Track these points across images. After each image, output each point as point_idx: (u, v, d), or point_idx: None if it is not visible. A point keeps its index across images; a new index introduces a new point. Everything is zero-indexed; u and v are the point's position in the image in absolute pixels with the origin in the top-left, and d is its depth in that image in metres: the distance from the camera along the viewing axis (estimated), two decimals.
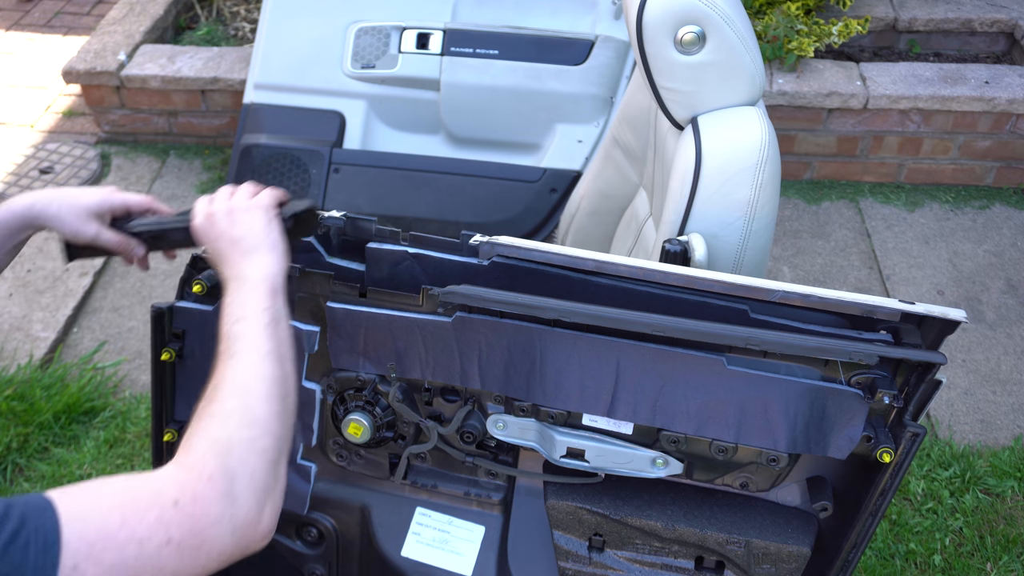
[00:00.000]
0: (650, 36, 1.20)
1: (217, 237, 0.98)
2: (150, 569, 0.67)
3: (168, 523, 0.68)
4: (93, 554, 0.65)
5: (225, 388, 0.80)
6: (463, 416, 1.18)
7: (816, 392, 1.03)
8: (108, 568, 0.65)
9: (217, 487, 0.71)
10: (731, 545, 1.17)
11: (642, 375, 1.06)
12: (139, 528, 0.67)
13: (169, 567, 0.68)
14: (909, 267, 2.68)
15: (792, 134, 2.91)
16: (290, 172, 2.55)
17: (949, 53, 3.23)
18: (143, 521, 0.67)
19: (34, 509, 0.65)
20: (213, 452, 0.73)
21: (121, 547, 0.66)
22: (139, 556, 0.66)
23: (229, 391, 0.80)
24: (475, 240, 1.12)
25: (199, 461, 0.73)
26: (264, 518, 0.74)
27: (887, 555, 1.97)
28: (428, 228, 1.23)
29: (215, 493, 0.71)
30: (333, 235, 1.16)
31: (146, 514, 0.68)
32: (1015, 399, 2.30)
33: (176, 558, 0.68)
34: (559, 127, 2.50)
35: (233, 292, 0.91)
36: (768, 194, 1.18)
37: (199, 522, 0.69)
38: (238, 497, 0.72)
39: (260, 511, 0.73)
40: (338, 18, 2.59)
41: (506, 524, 1.29)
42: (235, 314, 0.87)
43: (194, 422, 0.78)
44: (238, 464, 0.74)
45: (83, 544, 0.65)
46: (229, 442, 0.75)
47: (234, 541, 0.71)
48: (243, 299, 0.89)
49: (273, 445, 0.78)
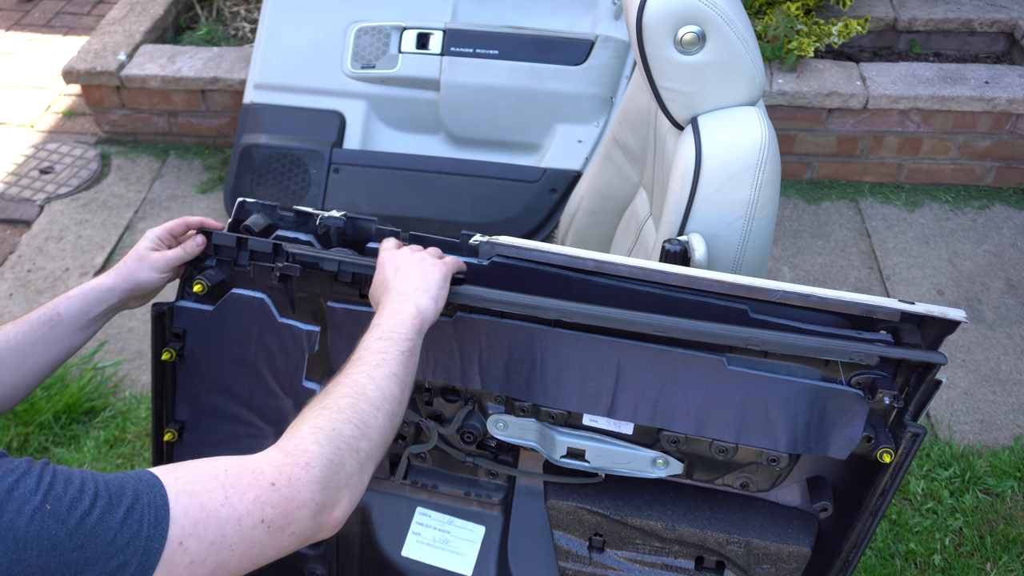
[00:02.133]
0: (650, 36, 1.20)
1: (396, 273, 1.01)
2: (243, 545, 0.71)
3: (264, 503, 0.72)
4: (197, 531, 0.69)
5: (343, 388, 0.85)
6: (463, 416, 1.18)
7: (816, 392, 1.03)
8: (208, 544, 0.70)
9: (312, 473, 0.75)
10: (731, 545, 1.17)
11: (642, 375, 1.06)
12: (239, 506, 0.71)
13: (258, 545, 0.72)
14: (909, 267, 2.68)
15: (792, 134, 2.91)
16: (290, 172, 2.55)
17: (949, 53, 3.23)
18: (243, 500, 0.72)
19: (146, 485, 0.70)
20: (314, 439, 0.77)
21: (222, 524, 0.70)
22: (236, 533, 0.71)
23: (347, 391, 0.84)
24: (475, 240, 1.12)
25: (299, 446, 0.76)
26: (338, 512, 0.78)
27: (887, 555, 1.97)
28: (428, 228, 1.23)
29: (309, 478, 0.75)
30: (333, 235, 1.16)
31: (246, 493, 0.72)
32: (1015, 399, 2.30)
33: (266, 536, 0.73)
34: (559, 127, 2.50)
35: (385, 316, 0.96)
36: (768, 194, 1.18)
37: (290, 504, 0.73)
38: (326, 486, 0.76)
39: (338, 504, 0.78)
40: (338, 18, 2.59)
41: (506, 524, 1.29)
42: (379, 333, 0.93)
43: (305, 410, 0.82)
44: (334, 455, 0.78)
45: (188, 521, 0.69)
46: (332, 433, 0.79)
47: (313, 526, 0.76)
48: (392, 323, 0.94)
49: (368, 450, 0.82)
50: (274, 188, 2.54)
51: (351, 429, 0.81)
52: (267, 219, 1.17)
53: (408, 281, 1.00)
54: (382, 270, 1.03)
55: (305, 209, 1.16)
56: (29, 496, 0.66)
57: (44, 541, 0.64)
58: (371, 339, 0.92)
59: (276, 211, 1.17)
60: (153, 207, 2.91)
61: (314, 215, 1.15)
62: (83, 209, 2.90)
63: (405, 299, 0.98)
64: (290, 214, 1.17)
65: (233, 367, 1.20)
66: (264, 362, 1.19)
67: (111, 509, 0.67)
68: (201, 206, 2.91)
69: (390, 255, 1.05)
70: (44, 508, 0.65)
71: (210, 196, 2.95)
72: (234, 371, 1.20)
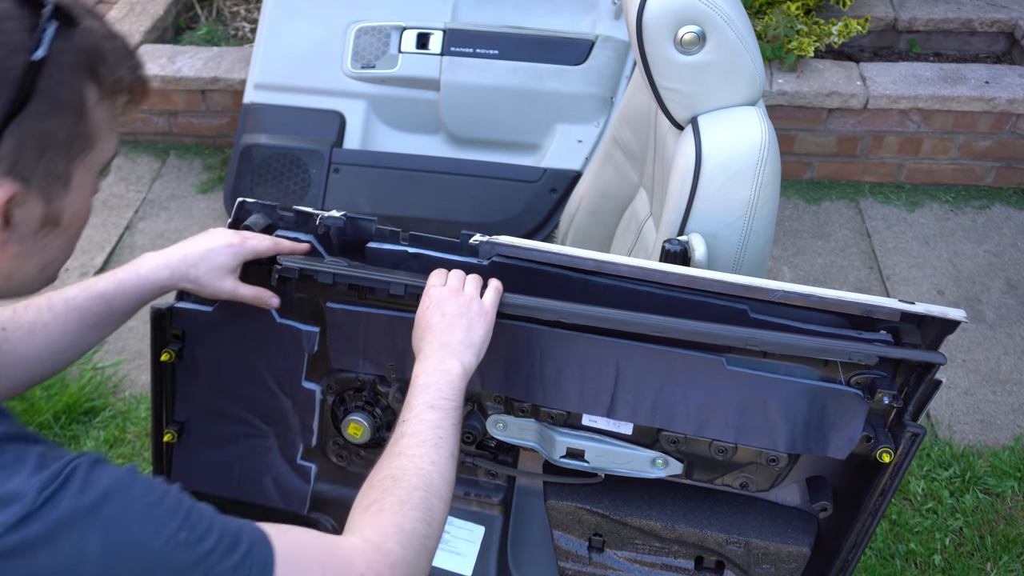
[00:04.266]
0: (650, 36, 1.20)
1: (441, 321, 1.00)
2: None
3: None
4: None
5: (413, 478, 0.84)
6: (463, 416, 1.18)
7: (816, 392, 1.03)
8: None
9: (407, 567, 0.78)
10: (731, 545, 1.17)
11: (642, 375, 1.06)
12: None
13: None
14: (909, 267, 2.68)
15: (792, 134, 2.91)
16: (290, 172, 2.55)
17: (949, 53, 3.23)
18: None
19: (257, 539, 0.71)
20: (398, 541, 0.78)
21: None
22: None
23: (417, 483, 0.84)
24: (475, 240, 1.12)
25: (386, 545, 0.78)
26: None
27: (887, 555, 1.97)
28: (428, 228, 1.23)
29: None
30: (333, 235, 1.16)
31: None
32: (1015, 399, 2.30)
33: None
34: (559, 127, 2.50)
35: (433, 375, 0.95)
36: (768, 194, 1.18)
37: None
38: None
39: None
40: (338, 18, 2.59)
41: (506, 524, 1.29)
42: (430, 399, 0.92)
43: (379, 493, 0.83)
44: (415, 559, 0.80)
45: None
46: (412, 535, 0.80)
47: None
48: (441, 387, 0.94)
49: (435, 546, 0.84)
50: (274, 188, 2.54)
51: (425, 529, 0.82)
52: (267, 219, 1.17)
53: (453, 333, 0.99)
54: (426, 313, 1.01)
55: (305, 209, 1.16)
56: (168, 519, 0.67)
57: (171, 567, 0.66)
58: (423, 405, 0.92)
59: (276, 211, 1.17)
60: (153, 207, 2.91)
61: (314, 215, 1.15)
62: None
63: (451, 355, 0.97)
64: (290, 214, 1.17)
65: (232, 368, 1.20)
66: (263, 363, 1.19)
67: (229, 553, 0.69)
68: (201, 206, 2.91)
69: (436, 295, 1.02)
70: (179, 535, 0.67)
71: (210, 196, 2.95)
72: (233, 372, 1.20)
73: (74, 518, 0.63)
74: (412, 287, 1.06)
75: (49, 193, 0.70)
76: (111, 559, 0.64)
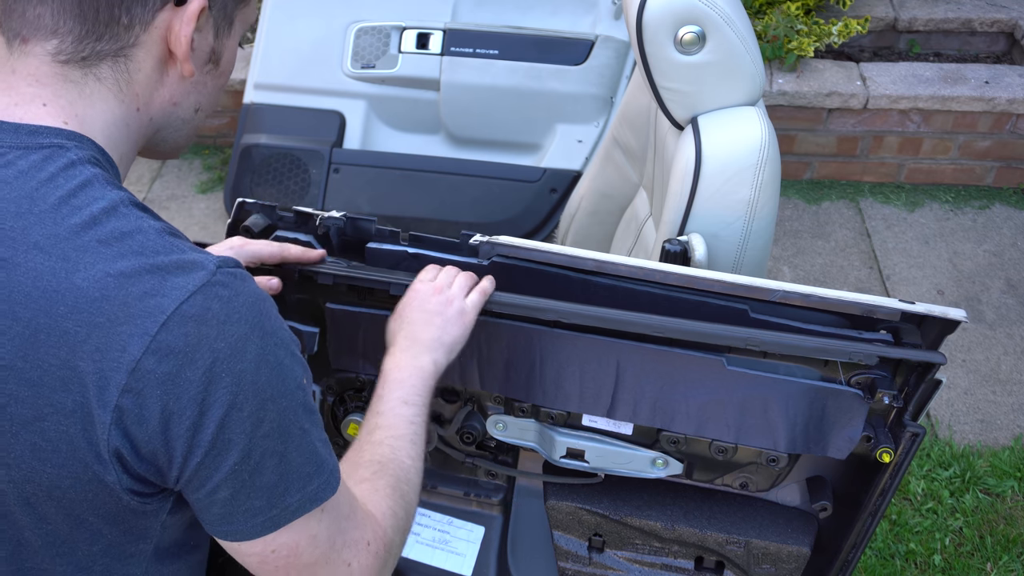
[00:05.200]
0: (650, 36, 1.20)
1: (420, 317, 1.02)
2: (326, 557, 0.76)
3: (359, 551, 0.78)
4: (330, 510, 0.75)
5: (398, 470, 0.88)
6: (463, 417, 1.18)
7: (816, 392, 1.03)
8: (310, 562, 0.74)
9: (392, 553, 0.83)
10: (731, 545, 1.17)
11: (642, 376, 1.06)
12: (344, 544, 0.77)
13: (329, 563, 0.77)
14: (909, 267, 2.68)
15: (792, 134, 2.91)
16: (290, 172, 2.55)
17: (949, 53, 3.23)
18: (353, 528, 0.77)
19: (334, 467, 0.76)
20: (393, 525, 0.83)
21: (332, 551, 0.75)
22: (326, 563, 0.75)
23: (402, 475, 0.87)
24: (475, 240, 1.12)
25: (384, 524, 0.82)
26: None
27: (887, 555, 1.97)
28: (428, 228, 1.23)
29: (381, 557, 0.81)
30: (333, 235, 1.16)
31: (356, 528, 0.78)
32: (1015, 399, 2.30)
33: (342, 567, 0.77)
34: (559, 127, 2.50)
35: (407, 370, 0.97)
36: (768, 194, 1.18)
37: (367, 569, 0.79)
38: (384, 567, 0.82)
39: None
40: (338, 18, 2.58)
41: (506, 524, 1.29)
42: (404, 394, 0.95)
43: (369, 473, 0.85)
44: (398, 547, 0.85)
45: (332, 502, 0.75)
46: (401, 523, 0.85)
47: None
48: (415, 383, 0.96)
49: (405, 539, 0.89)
50: (274, 188, 2.54)
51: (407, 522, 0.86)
52: (267, 219, 1.17)
53: (427, 331, 1.00)
54: (406, 308, 1.03)
55: (305, 209, 1.16)
56: (302, 377, 0.74)
57: (285, 410, 0.70)
58: (397, 400, 0.94)
59: (276, 211, 1.17)
60: (153, 207, 2.90)
61: (314, 215, 1.15)
62: None
63: (424, 351, 0.98)
64: (290, 214, 1.17)
65: None
66: None
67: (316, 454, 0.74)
68: (201, 206, 2.91)
69: (420, 289, 1.03)
70: (304, 397, 0.73)
71: (210, 196, 2.95)
72: None
73: (242, 312, 0.68)
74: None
75: (219, 28, 0.77)
76: (261, 367, 0.68)
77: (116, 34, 0.71)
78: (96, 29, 0.70)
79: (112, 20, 0.70)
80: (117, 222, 0.67)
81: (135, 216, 0.69)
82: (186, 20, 0.72)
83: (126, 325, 0.64)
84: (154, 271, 0.66)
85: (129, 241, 0.67)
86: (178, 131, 0.81)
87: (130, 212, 0.69)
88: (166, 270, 0.66)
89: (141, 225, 0.68)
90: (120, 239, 0.67)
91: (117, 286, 0.65)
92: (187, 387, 0.65)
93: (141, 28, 0.71)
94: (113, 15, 0.70)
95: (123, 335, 0.64)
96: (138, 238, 0.67)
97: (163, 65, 0.75)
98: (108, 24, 0.70)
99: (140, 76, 0.74)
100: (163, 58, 0.74)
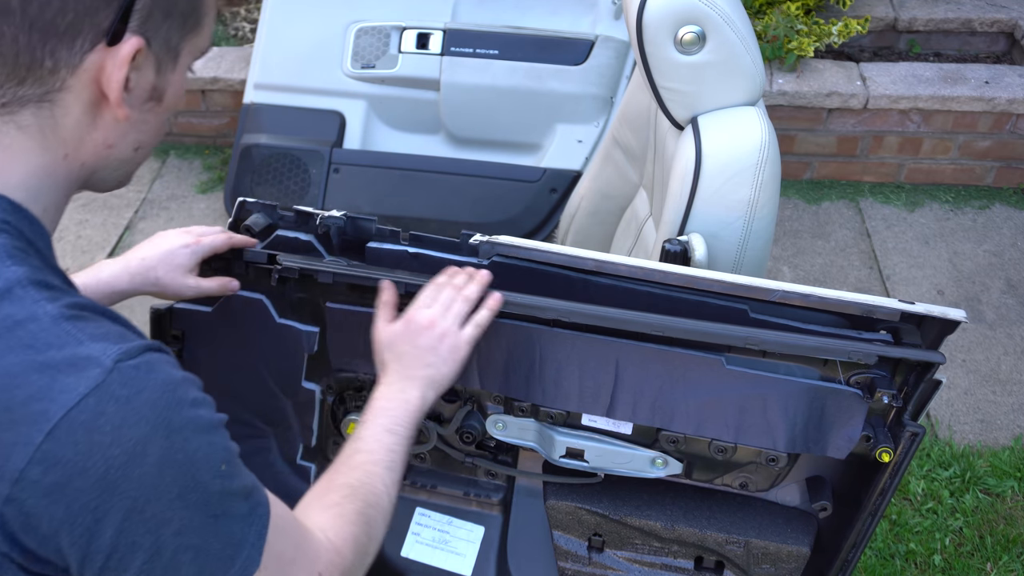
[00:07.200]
0: (650, 36, 1.20)
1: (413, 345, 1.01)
2: None
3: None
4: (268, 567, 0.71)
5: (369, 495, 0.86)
6: (462, 416, 1.18)
7: (815, 392, 1.03)
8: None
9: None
10: (730, 545, 1.17)
11: (641, 375, 1.06)
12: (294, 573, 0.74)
13: None
14: (909, 267, 2.68)
15: (792, 134, 2.91)
16: (290, 172, 2.55)
17: (949, 53, 3.23)
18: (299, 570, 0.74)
19: (263, 499, 0.72)
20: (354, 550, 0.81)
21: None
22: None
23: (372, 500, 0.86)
24: (475, 240, 1.12)
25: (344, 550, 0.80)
26: None
27: (887, 555, 1.97)
28: (428, 228, 1.23)
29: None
30: (333, 235, 1.16)
31: (305, 566, 0.75)
32: (1015, 399, 2.30)
33: None
34: (559, 127, 2.50)
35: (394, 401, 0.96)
36: (768, 194, 1.18)
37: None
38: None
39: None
40: (338, 18, 2.59)
41: (506, 524, 1.29)
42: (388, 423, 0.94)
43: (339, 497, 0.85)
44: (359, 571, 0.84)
45: (269, 557, 0.71)
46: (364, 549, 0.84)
47: None
48: (399, 414, 0.95)
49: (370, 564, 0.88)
50: (274, 188, 2.54)
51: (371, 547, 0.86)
52: (267, 219, 1.17)
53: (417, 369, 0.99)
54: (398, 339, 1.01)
55: (305, 209, 1.16)
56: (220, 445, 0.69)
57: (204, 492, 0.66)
58: (381, 428, 0.93)
59: (276, 211, 1.17)
60: (153, 207, 2.91)
61: (314, 215, 1.15)
62: (83, 209, 2.90)
63: (413, 387, 0.98)
64: (290, 214, 1.17)
65: (232, 368, 1.20)
66: (263, 363, 1.19)
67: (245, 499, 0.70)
68: (201, 206, 2.91)
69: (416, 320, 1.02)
70: (221, 466, 0.68)
71: (210, 196, 2.95)
72: (233, 372, 1.20)
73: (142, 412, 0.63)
74: (412, 287, 1.07)
75: (161, 63, 0.71)
76: (164, 469, 0.63)
77: (40, 78, 0.64)
78: (17, 73, 0.64)
79: (34, 63, 0.63)
80: (10, 307, 0.61)
81: (31, 300, 0.62)
82: (119, 63, 0.66)
83: (9, 432, 0.59)
84: (43, 369, 0.60)
85: (20, 332, 0.61)
86: (116, 171, 0.75)
87: (26, 295, 0.62)
88: (56, 368, 0.60)
89: (35, 312, 0.62)
90: (10, 329, 0.61)
91: (1, 388, 0.60)
92: (77, 496, 0.60)
93: (68, 72, 0.65)
94: (35, 57, 0.63)
95: (6, 443, 0.59)
96: (30, 328, 0.61)
97: (95, 108, 0.68)
98: (30, 67, 0.64)
99: (68, 121, 0.67)
100: (95, 101, 0.68)
